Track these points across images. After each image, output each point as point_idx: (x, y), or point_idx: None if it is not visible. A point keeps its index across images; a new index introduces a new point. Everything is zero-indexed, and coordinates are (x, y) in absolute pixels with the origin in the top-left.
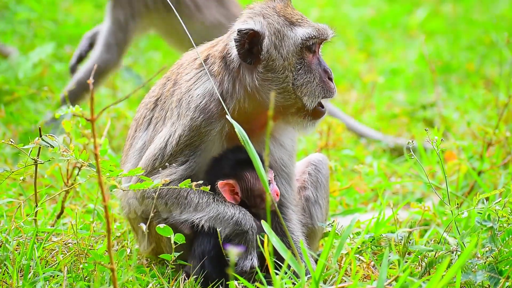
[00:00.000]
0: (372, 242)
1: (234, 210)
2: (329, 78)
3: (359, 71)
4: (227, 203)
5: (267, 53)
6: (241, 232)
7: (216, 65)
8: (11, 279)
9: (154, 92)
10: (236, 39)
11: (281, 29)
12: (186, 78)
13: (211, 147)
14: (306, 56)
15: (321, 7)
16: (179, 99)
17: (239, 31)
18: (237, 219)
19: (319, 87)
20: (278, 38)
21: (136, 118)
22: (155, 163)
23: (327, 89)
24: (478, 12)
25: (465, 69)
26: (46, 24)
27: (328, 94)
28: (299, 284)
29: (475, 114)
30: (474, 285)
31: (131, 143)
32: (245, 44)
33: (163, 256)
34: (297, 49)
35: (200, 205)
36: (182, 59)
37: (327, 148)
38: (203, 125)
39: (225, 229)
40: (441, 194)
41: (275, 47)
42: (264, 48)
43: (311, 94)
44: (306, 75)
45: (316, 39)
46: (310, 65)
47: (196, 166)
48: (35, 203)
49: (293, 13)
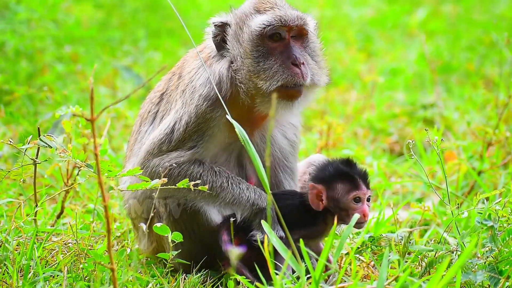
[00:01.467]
0: (372, 242)
1: (249, 193)
2: (294, 63)
3: (359, 71)
4: (241, 184)
5: (231, 43)
6: (259, 210)
7: (205, 54)
8: (11, 279)
9: (160, 87)
10: (210, 31)
11: (244, 18)
12: (188, 69)
13: (217, 132)
14: (267, 44)
15: (321, 7)
16: (183, 90)
17: (212, 23)
18: (253, 200)
19: (278, 73)
20: (240, 26)
21: (141, 113)
22: (162, 147)
23: (289, 74)
24: (478, 12)
25: (465, 69)
26: (46, 24)
27: (290, 79)
28: (299, 284)
29: (475, 114)
30: (474, 285)
31: (136, 138)
32: (218, 36)
33: (161, 255)
34: (253, 37)
35: (215, 190)
36: (188, 53)
37: (327, 148)
38: (208, 111)
39: (243, 212)
40: (441, 194)
41: (237, 35)
42: (229, 39)
43: (268, 78)
44: (264, 61)
45: (274, 26)
46: (270, 51)
47: (204, 151)
48: (35, 203)
49: (267, 2)
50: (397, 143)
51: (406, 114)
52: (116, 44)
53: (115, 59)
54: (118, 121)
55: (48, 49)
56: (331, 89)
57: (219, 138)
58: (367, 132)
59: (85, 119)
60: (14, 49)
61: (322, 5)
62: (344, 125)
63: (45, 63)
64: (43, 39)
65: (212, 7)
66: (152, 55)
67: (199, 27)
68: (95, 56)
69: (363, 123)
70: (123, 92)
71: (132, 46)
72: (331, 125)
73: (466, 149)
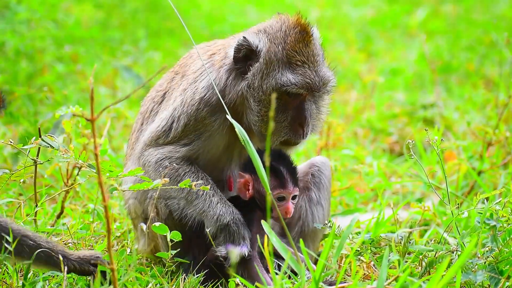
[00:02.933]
0: (372, 244)
1: (216, 208)
2: (300, 124)
3: (359, 71)
4: (214, 197)
5: (252, 77)
6: (223, 226)
7: (219, 57)
8: (11, 279)
9: (162, 87)
10: (238, 43)
11: (275, 63)
12: (193, 69)
13: (215, 134)
14: (284, 98)
15: (321, 7)
16: (185, 88)
17: (244, 38)
18: (217, 216)
19: (285, 129)
20: (268, 70)
21: (142, 112)
22: (159, 141)
23: (293, 134)
24: (478, 12)
25: (465, 69)
26: (46, 24)
27: (292, 139)
28: (299, 284)
29: (475, 114)
30: (474, 285)
31: (137, 136)
32: (241, 52)
33: (160, 254)
34: (277, 91)
35: (191, 195)
36: (192, 51)
37: (327, 148)
38: (208, 115)
39: (209, 226)
40: (441, 194)
41: (262, 76)
42: (252, 70)
43: (276, 133)
44: (277, 115)
45: (300, 89)
46: (286, 106)
47: (199, 149)
48: (35, 203)
49: (301, 52)
50: (397, 143)
51: (406, 114)
52: (116, 44)
53: (115, 59)
54: (118, 121)
55: (48, 49)
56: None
57: (217, 140)
58: (367, 132)
59: (85, 119)
60: (14, 49)
61: (322, 5)
62: (344, 125)
63: (45, 63)
64: (43, 39)
65: (212, 7)
66: (152, 55)
67: (199, 27)
68: (95, 56)
69: (363, 123)
70: (123, 92)
71: (132, 46)
72: (331, 125)
73: (466, 149)
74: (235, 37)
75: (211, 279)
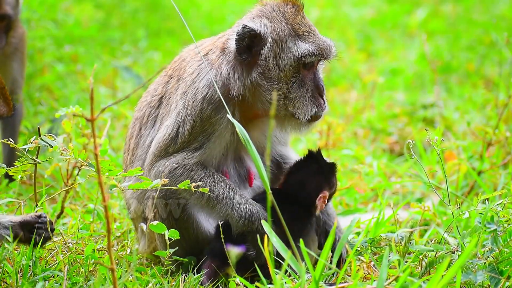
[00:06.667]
0: (372, 244)
1: (240, 210)
2: (320, 94)
3: (359, 71)
4: (235, 198)
5: (265, 60)
6: (252, 230)
7: (215, 55)
8: (11, 279)
9: (157, 91)
10: (239, 33)
11: (285, 39)
12: (189, 71)
13: (224, 133)
14: (302, 71)
15: (321, 7)
16: (184, 91)
17: (244, 26)
18: (243, 221)
19: (311, 102)
20: (280, 47)
21: (139, 117)
22: (168, 149)
23: (318, 105)
24: (478, 12)
25: (465, 69)
26: (46, 24)
27: (318, 111)
28: (299, 283)
29: (475, 114)
30: (474, 285)
31: (137, 142)
32: (244, 41)
33: (158, 253)
34: (295, 63)
35: (212, 200)
36: (183, 54)
37: (327, 148)
38: (213, 114)
39: (235, 228)
40: (441, 194)
41: (275, 56)
42: (263, 54)
43: (303, 108)
44: (300, 89)
45: (316, 57)
46: (304, 79)
47: (210, 151)
48: (35, 203)
49: (302, 23)
50: (397, 143)
51: (406, 114)
52: (116, 44)
53: (115, 59)
54: (118, 121)
55: (48, 49)
56: (331, 89)
57: (226, 138)
58: (367, 132)
59: (85, 119)
60: None
61: (322, 5)
62: (344, 125)
63: (45, 63)
64: (43, 39)
65: (212, 7)
66: (152, 55)
67: (199, 27)
68: (95, 56)
69: (363, 123)
70: (123, 92)
71: (132, 46)
72: (331, 125)
73: (466, 149)
74: (224, 35)
75: (211, 278)
